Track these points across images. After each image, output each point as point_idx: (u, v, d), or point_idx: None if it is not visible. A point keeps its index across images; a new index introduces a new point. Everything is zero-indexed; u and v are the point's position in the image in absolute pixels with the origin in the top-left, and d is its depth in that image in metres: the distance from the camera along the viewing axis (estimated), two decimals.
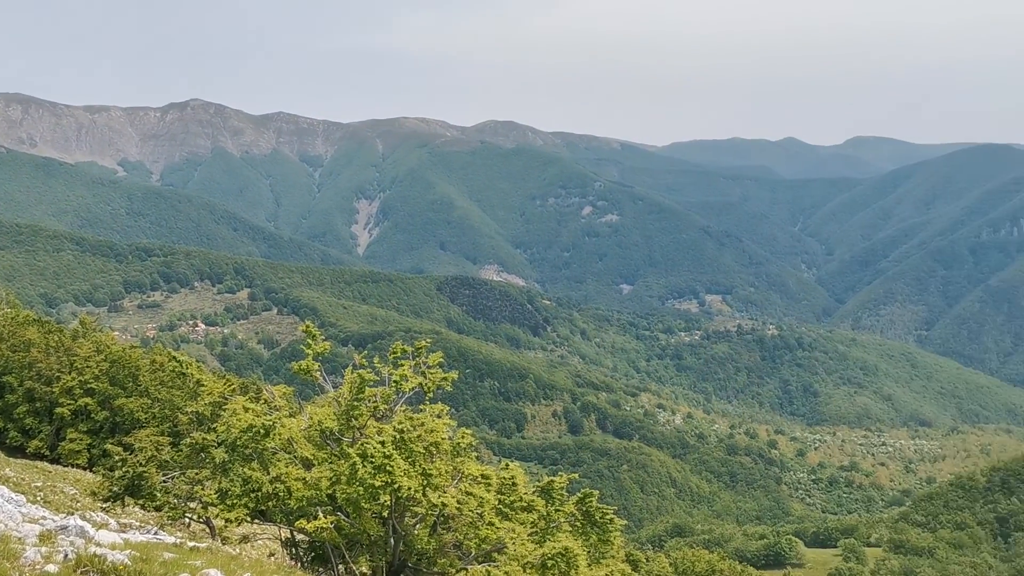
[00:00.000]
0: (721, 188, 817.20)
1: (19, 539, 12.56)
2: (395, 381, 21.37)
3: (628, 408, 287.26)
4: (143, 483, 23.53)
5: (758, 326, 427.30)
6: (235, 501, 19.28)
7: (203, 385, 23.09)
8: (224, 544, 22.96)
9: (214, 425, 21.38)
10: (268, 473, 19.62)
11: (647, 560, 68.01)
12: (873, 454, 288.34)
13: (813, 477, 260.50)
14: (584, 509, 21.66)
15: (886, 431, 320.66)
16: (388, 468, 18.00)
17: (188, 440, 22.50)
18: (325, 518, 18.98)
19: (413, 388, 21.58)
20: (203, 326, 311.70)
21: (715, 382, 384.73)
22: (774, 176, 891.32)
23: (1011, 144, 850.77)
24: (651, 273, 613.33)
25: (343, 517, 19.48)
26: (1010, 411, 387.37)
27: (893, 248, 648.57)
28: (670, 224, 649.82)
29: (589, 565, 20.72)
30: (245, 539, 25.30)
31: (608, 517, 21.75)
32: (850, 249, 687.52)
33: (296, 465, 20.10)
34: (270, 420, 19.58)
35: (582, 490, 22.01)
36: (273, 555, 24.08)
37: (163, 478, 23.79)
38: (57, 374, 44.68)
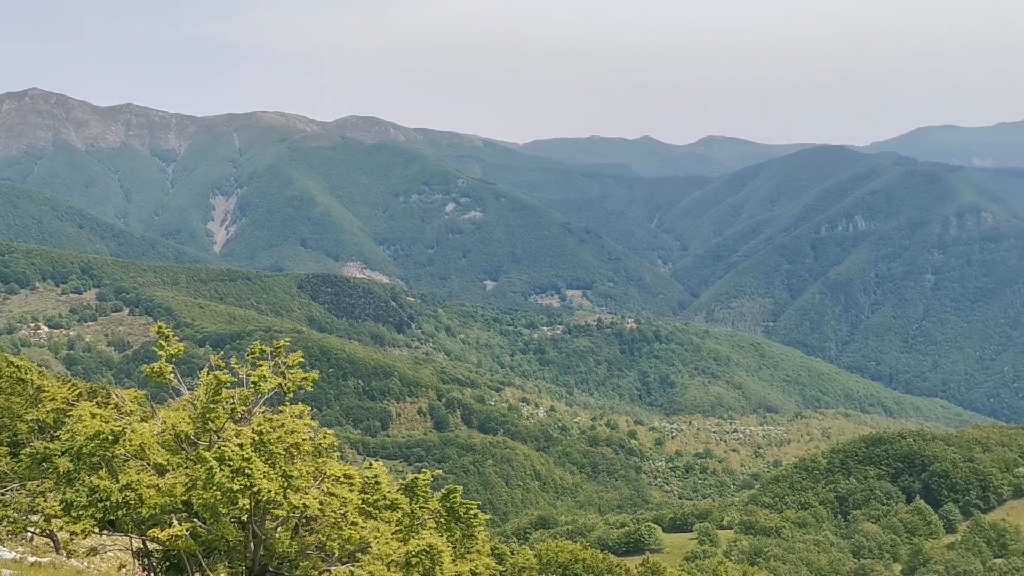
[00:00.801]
0: (581, 185, 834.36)
1: None
2: (253, 382, 20.85)
3: (493, 403, 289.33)
4: None
5: (617, 320, 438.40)
6: (81, 512, 18.35)
7: (44, 391, 21.86)
8: (70, 558, 21.87)
9: (57, 433, 20.26)
10: (118, 481, 18.77)
11: (512, 553, 68.84)
12: (725, 441, 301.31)
13: (671, 465, 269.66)
14: (448, 505, 21.75)
15: (737, 418, 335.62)
16: (247, 471, 17.57)
17: (28, 450, 21.22)
18: (180, 525, 18.34)
19: (272, 389, 21.11)
20: (46, 328, 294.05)
21: (577, 375, 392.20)
22: (631, 174, 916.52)
23: (846, 145, 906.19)
24: (514, 269, 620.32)
25: (199, 523, 18.87)
26: (848, 396, 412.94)
27: (742, 243, 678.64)
28: (532, 221, 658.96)
29: (454, 561, 20.84)
30: (93, 551, 24.12)
31: (472, 512, 21.92)
32: (703, 244, 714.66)
33: (149, 472, 19.32)
34: (119, 426, 18.73)
35: (446, 486, 22.11)
36: (124, 567, 23.09)
37: (0, 491, 22.38)
38: None
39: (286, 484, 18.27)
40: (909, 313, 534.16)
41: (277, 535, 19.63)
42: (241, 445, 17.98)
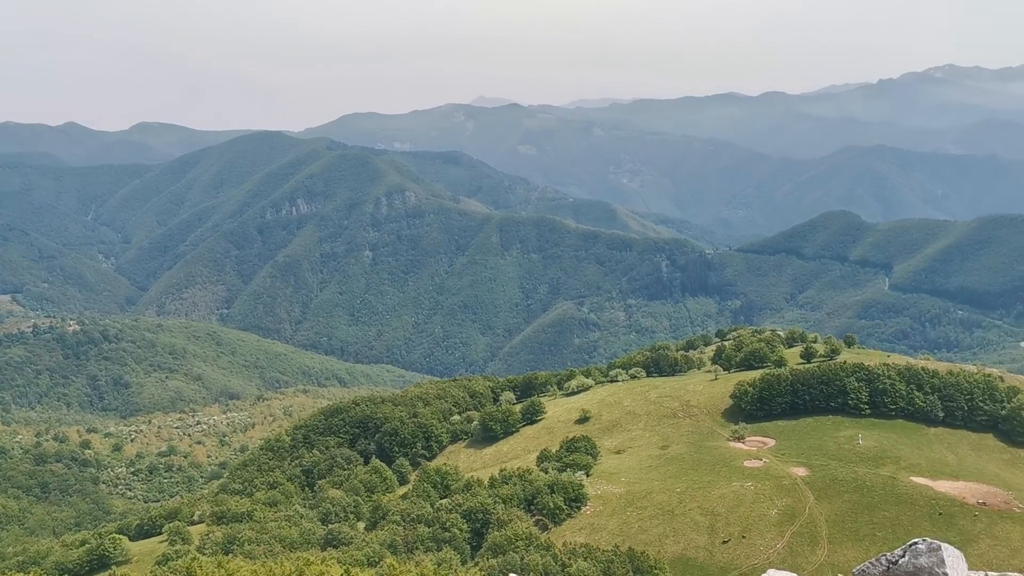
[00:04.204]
0: None
1: None
2: None
3: None
4: None
5: (57, 323, 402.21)
6: None
7: None
8: None
9: None
10: None
11: None
12: (190, 435, 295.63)
13: (132, 469, 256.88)
14: None
15: (200, 410, 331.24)
16: None
17: None
18: None
19: None
20: None
21: (13, 390, 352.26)
22: (58, 163, 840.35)
23: (283, 131, 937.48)
24: None
25: None
26: (305, 373, 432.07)
27: (189, 232, 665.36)
28: None
29: None
30: None
31: None
32: (148, 235, 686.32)
33: None
34: None
35: None
36: None
37: None
38: None
39: None
40: (354, 288, 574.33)
41: None
42: None
